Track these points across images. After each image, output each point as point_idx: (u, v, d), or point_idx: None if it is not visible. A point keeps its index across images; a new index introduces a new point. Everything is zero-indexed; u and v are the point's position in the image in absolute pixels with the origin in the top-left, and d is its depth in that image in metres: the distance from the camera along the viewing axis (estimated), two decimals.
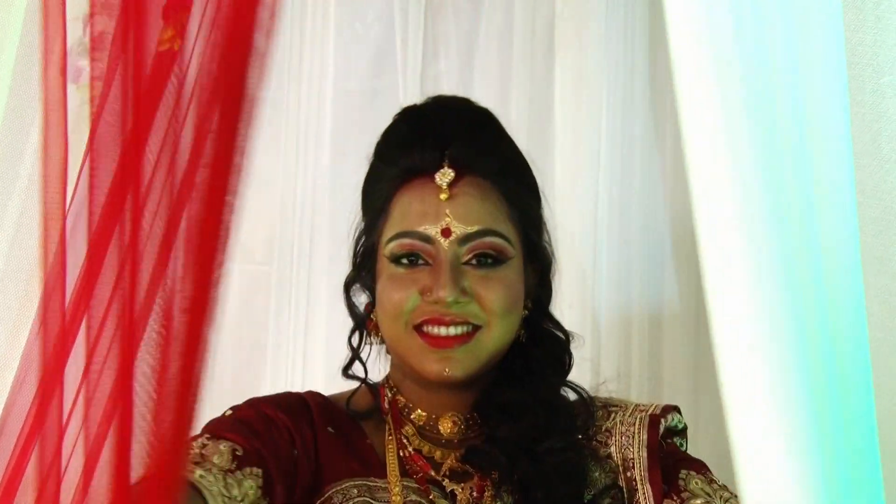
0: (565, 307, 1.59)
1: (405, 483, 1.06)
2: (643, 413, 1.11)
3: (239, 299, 1.88)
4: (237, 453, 0.97)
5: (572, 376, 1.15)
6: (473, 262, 1.05)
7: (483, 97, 1.27)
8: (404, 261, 1.06)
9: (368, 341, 1.14)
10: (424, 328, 1.04)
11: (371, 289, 1.11)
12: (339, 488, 1.04)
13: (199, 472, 0.93)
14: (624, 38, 1.65)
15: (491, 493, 1.07)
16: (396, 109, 1.80)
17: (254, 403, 1.07)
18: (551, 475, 1.05)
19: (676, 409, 1.13)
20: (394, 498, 1.04)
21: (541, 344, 1.11)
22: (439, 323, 1.04)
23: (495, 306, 1.04)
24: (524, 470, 1.05)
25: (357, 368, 1.14)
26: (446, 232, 1.04)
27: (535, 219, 1.12)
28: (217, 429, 1.01)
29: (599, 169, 1.65)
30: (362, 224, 1.14)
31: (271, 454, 1.00)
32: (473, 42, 1.79)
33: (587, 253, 1.65)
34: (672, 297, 1.65)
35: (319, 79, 1.83)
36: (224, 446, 0.98)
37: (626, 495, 1.07)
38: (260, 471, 0.98)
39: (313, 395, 1.13)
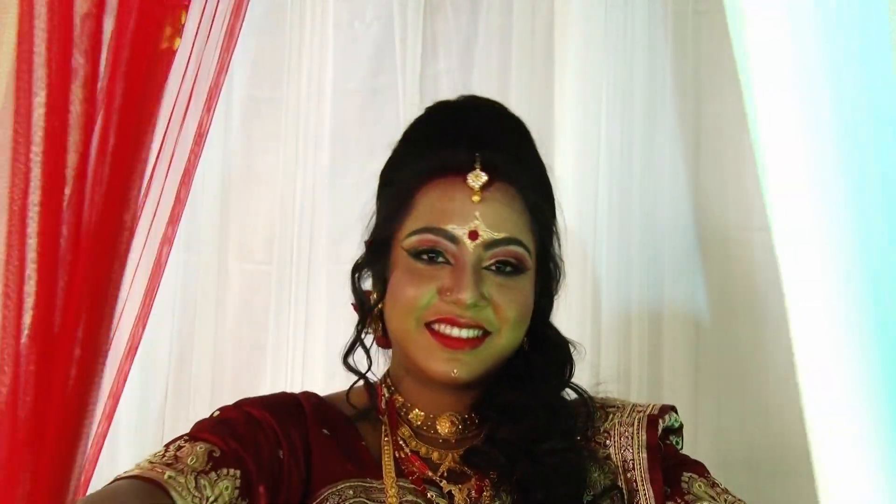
0: (565, 306, 1.59)
1: (401, 484, 1.06)
2: (641, 413, 1.11)
3: (239, 299, 1.88)
4: (214, 454, 0.98)
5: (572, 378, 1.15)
6: (493, 268, 1.05)
7: (482, 96, 1.26)
8: (424, 256, 1.05)
9: (367, 331, 1.13)
10: (435, 326, 1.04)
11: (382, 278, 1.09)
12: (334, 489, 1.04)
13: (168, 472, 0.94)
14: (623, 37, 1.65)
15: (489, 494, 1.07)
16: (396, 108, 1.81)
17: (240, 404, 1.07)
18: (551, 476, 1.04)
19: (673, 408, 1.13)
20: (390, 500, 1.04)
21: (543, 350, 1.11)
22: (453, 324, 1.03)
23: (509, 315, 1.05)
24: (524, 471, 1.05)
25: (358, 363, 1.13)
26: (473, 234, 1.04)
27: (552, 232, 1.13)
28: (198, 430, 1.02)
29: (599, 168, 1.65)
30: (377, 209, 1.13)
31: (252, 456, 1.00)
32: (472, 41, 1.79)
33: (587, 253, 1.65)
34: (672, 298, 1.65)
35: (318, 78, 1.83)
36: (200, 448, 0.98)
37: (626, 496, 1.07)
38: (237, 472, 0.98)
39: (308, 396, 1.12)
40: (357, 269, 1.13)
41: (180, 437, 1.01)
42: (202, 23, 1.55)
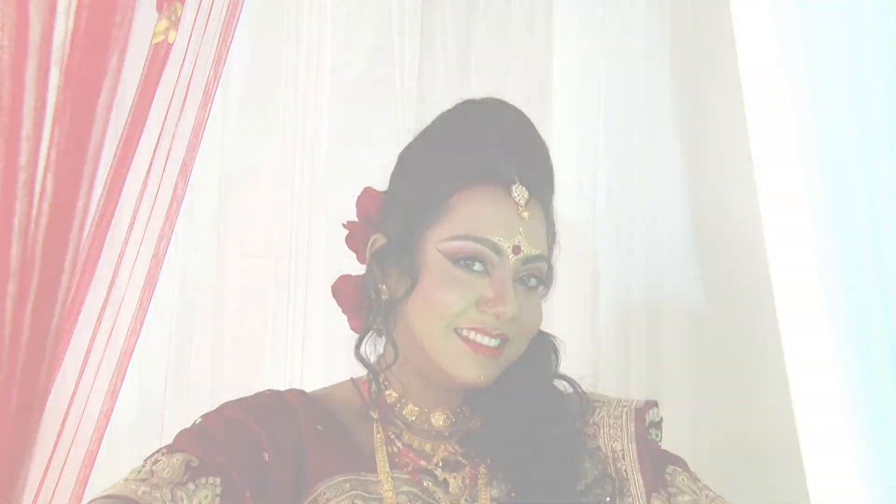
0: (565, 300, 1.59)
1: (396, 475, 1.06)
2: (627, 407, 1.13)
3: (238, 293, 1.88)
4: (192, 465, 0.97)
5: (571, 372, 1.15)
6: (520, 280, 1.07)
7: (480, 90, 1.26)
8: (462, 263, 1.05)
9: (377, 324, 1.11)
10: (465, 333, 1.04)
11: (410, 274, 1.07)
12: (331, 484, 1.04)
13: (142, 488, 0.94)
14: (621, 31, 1.65)
15: (484, 482, 1.08)
16: (394, 101, 1.81)
17: (222, 409, 1.06)
18: (548, 462, 1.05)
19: (656, 403, 1.15)
20: (385, 493, 1.04)
21: (532, 344, 1.12)
22: (485, 333, 1.04)
23: (529, 326, 1.07)
24: (522, 456, 1.06)
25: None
26: (517, 249, 1.05)
27: (553, 248, 1.14)
28: (177, 441, 1.01)
29: (598, 161, 1.65)
30: (398, 201, 1.10)
31: (233, 462, 0.99)
32: (470, 34, 1.79)
33: (586, 246, 1.65)
34: (671, 291, 1.65)
35: (316, 71, 1.82)
36: (177, 459, 0.98)
37: (616, 485, 1.09)
38: (218, 480, 0.98)
39: (297, 395, 1.11)
40: (383, 253, 1.10)
41: (158, 451, 1.00)
42: (199, 15, 1.54)
